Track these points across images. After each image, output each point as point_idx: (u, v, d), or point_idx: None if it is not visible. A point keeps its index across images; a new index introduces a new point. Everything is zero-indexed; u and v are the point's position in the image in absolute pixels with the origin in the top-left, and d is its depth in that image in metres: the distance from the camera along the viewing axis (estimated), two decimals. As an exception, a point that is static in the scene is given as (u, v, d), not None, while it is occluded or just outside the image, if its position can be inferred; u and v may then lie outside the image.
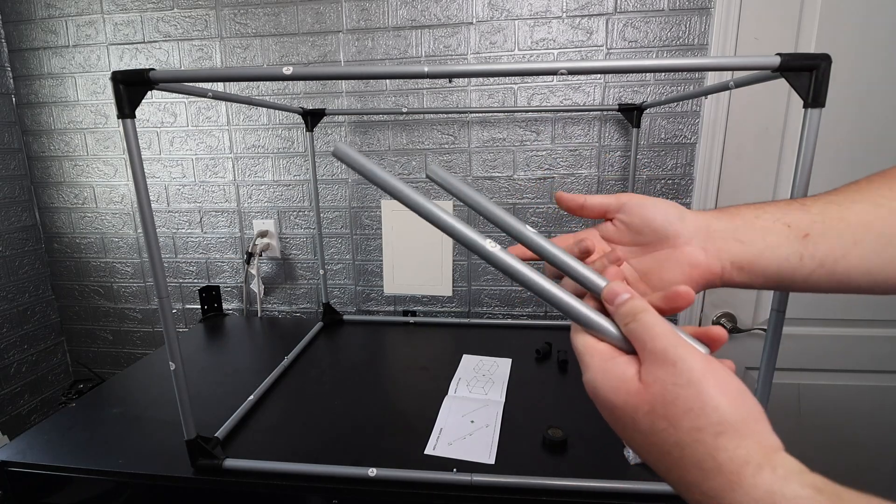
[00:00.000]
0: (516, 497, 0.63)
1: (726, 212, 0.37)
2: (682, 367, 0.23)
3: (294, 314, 1.39)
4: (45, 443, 0.76)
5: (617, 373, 0.26)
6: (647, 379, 0.24)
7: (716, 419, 0.22)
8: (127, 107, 0.56)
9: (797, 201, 0.37)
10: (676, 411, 0.23)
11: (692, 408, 0.22)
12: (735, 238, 0.35)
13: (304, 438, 0.76)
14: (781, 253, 0.34)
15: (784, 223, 0.35)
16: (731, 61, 0.54)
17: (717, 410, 0.22)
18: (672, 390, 0.23)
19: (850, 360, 1.18)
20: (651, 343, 0.25)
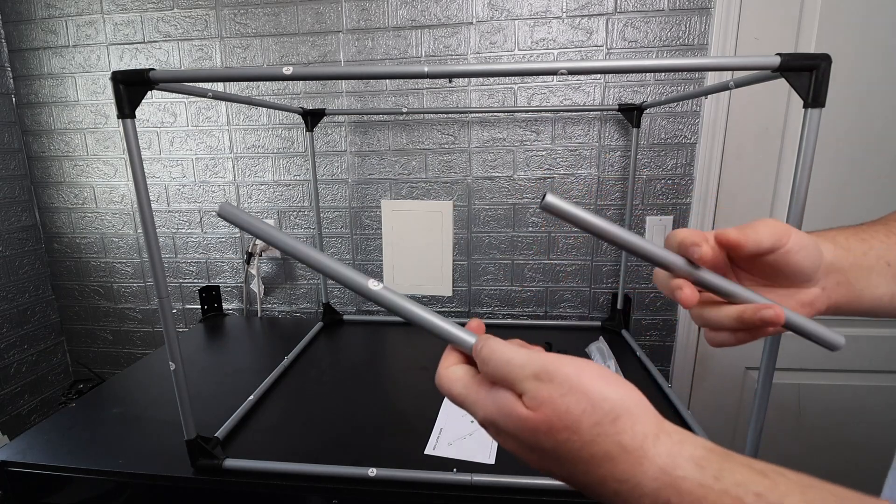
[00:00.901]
0: (516, 497, 0.63)
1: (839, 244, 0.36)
2: (558, 379, 0.24)
3: (294, 314, 1.39)
4: (45, 443, 0.76)
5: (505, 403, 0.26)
6: (531, 403, 0.25)
7: (608, 408, 0.24)
8: (127, 107, 0.56)
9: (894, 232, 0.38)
10: (573, 417, 0.24)
11: (585, 408, 0.24)
12: (846, 279, 0.36)
13: (304, 438, 0.76)
14: (878, 293, 0.36)
15: (886, 261, 0.36)
16: (731, 61, 0.54)
17: (607, 400, 0.24)
18: (561, 401, 0.24)
19: (850, 360, 1.18)
20: (519, 373, 0.26)
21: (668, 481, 0.22)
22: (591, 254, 1.23)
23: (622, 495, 0.23)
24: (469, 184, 1.23)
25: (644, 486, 0.23)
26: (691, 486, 0.22)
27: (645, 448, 0.23)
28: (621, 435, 0.23)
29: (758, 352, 0.59)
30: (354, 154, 1.25)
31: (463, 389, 0.28)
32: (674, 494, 0.22)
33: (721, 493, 0.21)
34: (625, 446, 0.23)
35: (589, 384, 0.24)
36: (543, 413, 0.24)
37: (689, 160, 1.15)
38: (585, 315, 1.27)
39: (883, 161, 1.08)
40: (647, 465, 0.23)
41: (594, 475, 0.24)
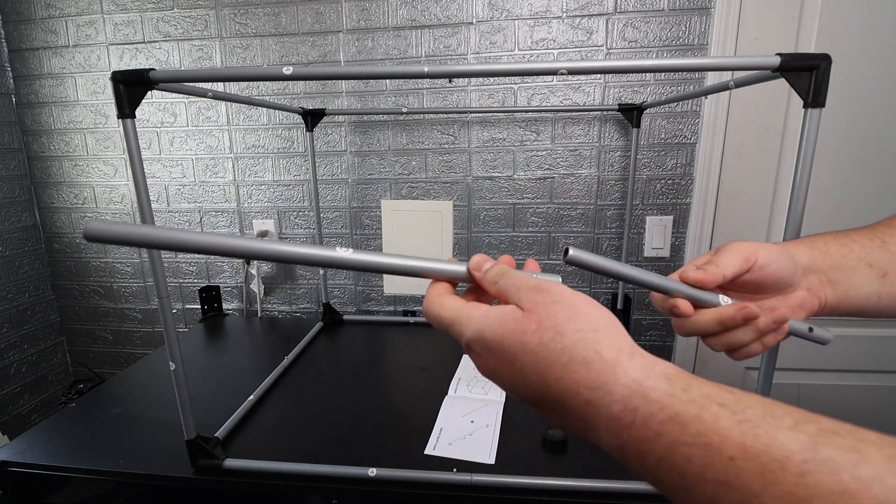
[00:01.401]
0: (516, 497, 0.63)
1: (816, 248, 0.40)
2: (553, 291, 0.28)
3: (294, 314, 1.39)
4: (45, 443, 0.76)
5: (499, 311, 0.29)
6: (527, 306, 0.28)
7: (590, 321, 0.26)
8: (127, 107, 0.56)
9: (878, 235, 0.41)
10: (559, 319, 0.26)
11: (570, 316, 0.26)
12: (828, 279, 0.39)
13: (304, 438, 0.76)
14: (863, 292, 0.39)
15: (867, 263, 0.39)
16: (731, 61, 0.54)
17: (590, 316, 0.26)
18: (552, 307, 0.27)
19: (850, 360, 1.18)
20: (524, 284, 0.29)
21: (639, 390, 0.23)
22: (591, 254, 1.23)
23: (593, 403, 0.24)
24: (469, 184, 1.23)
25: (615, 393, 0.24)
26: (659, 395, 0.23)
27: (619, 360, 0.25)
28: (600, 344, 0.25)
29: (758, 352, 0.59)
30: (354, 154, 1.25)
31: (454, 312, 0.30)
32: (642, 402, 0.23)
33: (687, 402, 0.22)
34: (601, 353, 0.25)
35: (576, 300, 0.27)
36: (535, 313, 0.27)
37: (689, 160, 1.15)
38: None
39: (883, 161, 1.08)
40: (619, 374, 0.24)
41: (568, 381, 0.25)
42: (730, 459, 0.20)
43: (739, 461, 0.20)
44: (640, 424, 0.23)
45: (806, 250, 0.40)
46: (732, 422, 0.21)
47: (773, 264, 0.37)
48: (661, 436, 0.22)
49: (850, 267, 0.39)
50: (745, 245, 0.38)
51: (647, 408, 0.23)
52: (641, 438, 0.23)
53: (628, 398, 0.24)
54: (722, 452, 0.21)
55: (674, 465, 0.22)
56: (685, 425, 0.22)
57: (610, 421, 0.24)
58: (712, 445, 0.21)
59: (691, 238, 1.17)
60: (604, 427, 0.24)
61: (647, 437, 0.23)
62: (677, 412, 0.22)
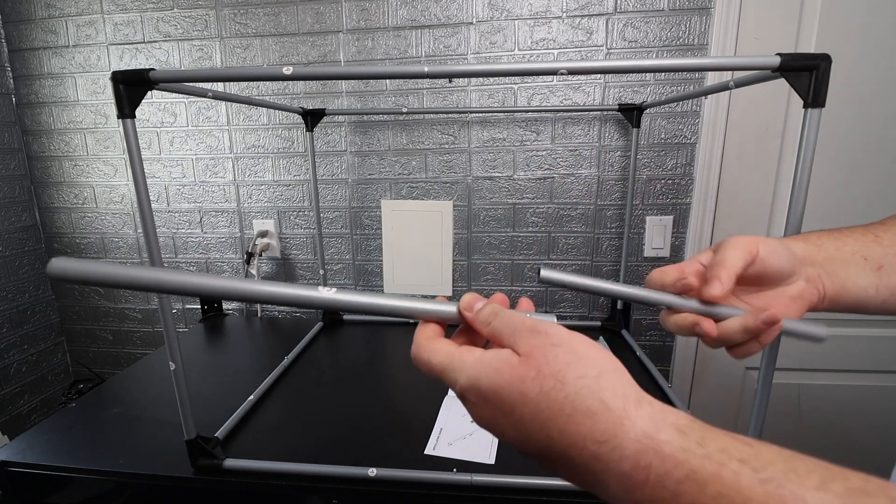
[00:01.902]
0: (516, 497, 0.63)
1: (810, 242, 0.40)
2: (551, 333, 0.26)
3: (294, 314, 1.39)
4: (45, 443, 0.76)
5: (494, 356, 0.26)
6: (524, 350, 0.26)
7: (592, 365, 0.24)
8: (127, 107, 0.56)
9: (871, 231, 0.41)
10: (559, 365, 0.24)
11: (570, 361, 0.24)
12: (825, 271, 0.39)
13: (304, 438, 0.76)
14: (860, 284, 0.39)
15: (862, 256, 0.39)
16: (731, 61, 0.54)
17: (592, 359, 0.25)
18: (550, 350, 0.25)
19: (850, 360, 1.18)
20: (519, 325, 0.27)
21: (651, 444, 0.22)
22: (591, 254, 1.23)
23: (601, 459, 0.23)
24: (469, 184, 1.23)
25: (625, 448, 0.22)
26: (673, 451, 0.21)
27: (627, 409, 0.23)
28: (604, 391, 0.23)
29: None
30: (354, 154, 1.25)
31: (445, 358, 0.28)
32: (655, 458, 0.21)
33: (704, 458, 0.21)
34: (607, 403, 0.23)
35: (576, 342, 0.25)
36: (533, 358, 0.25)
37: (689, 160, 1.15)
38: (586, 315, 1.27)
39: (883, 161, 1.08)
40: (628, 426, 0.22)
41: (573, 435, 0.23)
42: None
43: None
44: (655, 483, 0.21)
45: (800, 244, 0.40)
46: (754, 481, 0.19)
47: (772, 255, 0.38)
48: (679, 496, 0.21)
49: (845, 260, 0.39)
50: (745, 239, 0.38)
51: (661, 465, 0.21)
52: (657, 499, 0.21)
53: (640, 454, 0.22)
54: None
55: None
56: (703, 485, 0.20)
57: (621, 478, 0.22)
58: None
59: (691, 238, 1.17)
60: (614, 484, 0.23)
61: (664, 497, 0.21)
62: (694, 470, 0.21)
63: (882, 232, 0.41)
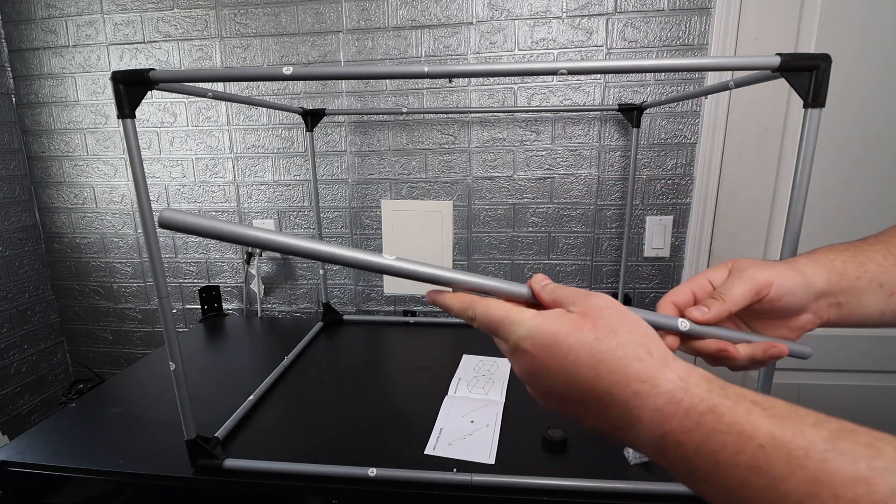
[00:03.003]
0: (516, 497, 0.63)
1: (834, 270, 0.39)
2: (606, 299, 0.31)
3: (294, 314, 1.39)
4: (45, 443, 0.76)
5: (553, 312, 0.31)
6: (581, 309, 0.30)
7: (638, 327, 0.29)
8: (127, 107, 0.56)
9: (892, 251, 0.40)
10: (613, 322, 0.29)
11: (622, 320, 0.29)
12: (837, 301, 0.39)
13: (304, 438, 0.76)
14: (868, 311, 0.39)
15: (878, 283, 0.39)
16: (731, 61, 0.54)
17: (638, 323, 0.30)
18: (605, 310, 0.30)
19: (850, 360, 1.18)
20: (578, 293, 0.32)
21: (683, 385, 0.26)
22: (591, 254, 1.23)
23: (641, 395, 0.27)
24: (469, 184, 1.23)
25: (662, 386, 0.26)
26: (700, 391, 0.26)
27: (667, 359, 0.28)
28: (650, 345, 0.28)
29: (758, 352, 0.59)
30: (354, 154, 1.25)
31: (505, 311, 0.32)
32: (686, 395, 0.26)
33: (724, 397, 0.25)
34: (652, 353, 0.28)
35: (627, 311, 0.30)
36: (590, 315, 0.30)
37: (689, 160, 1.15)
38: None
39: (883, 161, 1.08)
40: (667, 371, 0.27)
41: (621, 374, 0.27)
42: (760, 447, 0.23)
43: (768, 448, 0.22)
44: (683, 415, 0.25)
45: (823, 272, 0.38)
46: (763, 415, 0.24)
47: (785, 297, 0.37)
48: (701, 425, 0.25)
49: (863, 288, 0.38)
50: (760, 273, 0.37)
51: (689, 400, 0.26)
52: (683, 428, 0.25)
53: (673, 391, 0.26)
54: (753, 440, 0.23)
55: (709, 451, 0.24)
56: (721, 416, 0.24)
57: (655, 412, 0.26)
58: (745, 434, 0.23)
59: (691, 238, 1.17)
60: (648, 418, 0.26)
61: (688, 426, 0.25)
62: (716, 404, 0.25)
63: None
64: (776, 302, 0.37)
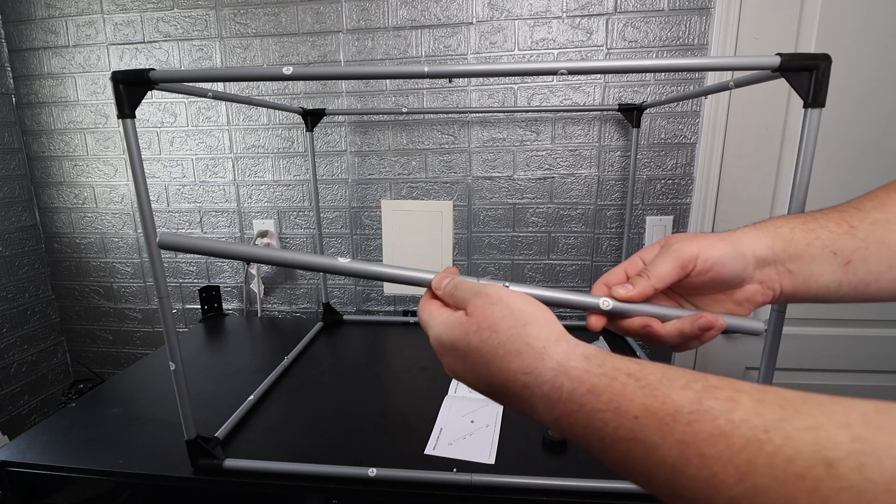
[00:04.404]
0: (516, 497, 0.63)
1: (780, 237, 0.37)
2: (490, 293, 0.33)
3: (294, 314, 1.39)
4: (45, 443, 0.76)
5: (451, 318, 0.34)
6: (470, 311, 0.33)
7: (521, 316, 0.31)
8: (127, 107, 0.56)
9: (846, 220, 0.38)
10: (494, 320, 0.31)
11: (504, 315, 0.31)
12: (786, 269, 0.37)
13: (304, 438, 0.76)
14: (823, 281, 0.37)
15: (832, 251, 0.37)
16: (731, 61, 0.54)
17: (523, 311, 0.31)
18: (489, 308, 0.32)
19: (850, 360, 1.18)
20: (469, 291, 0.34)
21: (562, 370, 0.28)
22: (591, 254, 1.23)
23: (528, 386, 0.29)
24: (469, 184, 1.23)
25: (543, 375, 0.28)
26: (579, 373, 0.27)
27: (547, 347, 0.29)
28: (529, 336, 0.30)
29: (758, 352, 0.59)
30: (354, 154, 1.25)
31: (426, 316, 0.37)
32: (566, 380, 0.27)
33: (601, 376, 0.27)
34: (531, 344, 0.29)
35: (511, 300, 0.32)
36: (475, 316, 0.32)
37: (689, 160, 1.15)
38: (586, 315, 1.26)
39: (883, 161, 1.08)
40: (546, 359, 0.29)
41: (507, 370, 0.30)
42: (635, 418, 0.24)
43: (642, 419, 0.24)
44: (566, 399, 0.27)
45: (766, 240, 0.37)
46: (636, 387, 0.25)
47: (714, 268, 0.36)
48: (583, 406, 0.26)
49: (813, 255, 0.37)
50: (686, 247, 0.37)
51: (570, 384, 0.27)
52: (568, 411, 0.27)
53: (554, 378, 0.28)
54: (629, 413, 0.24)
55: (595, 430, 0.26)
56: (600, 395, 0.26)
57: (543, 399, 0.28)
58: (621, 409, 0.25)
59: (691, 238, 1.17)
60: (540, 405, 0.29)
61: (573, 409, 0.27)
62: (594, 384, 0.26)
63: (858, 221, 0.37)
64: (706, 274, 0.36)
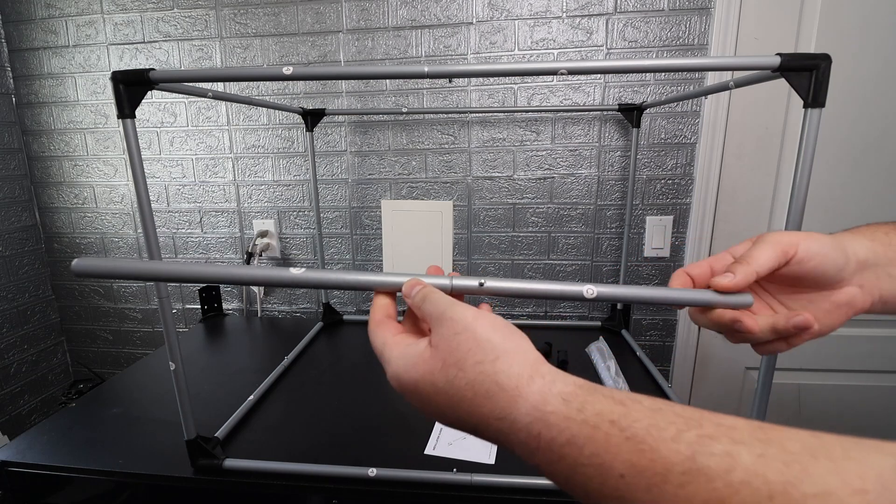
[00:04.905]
0: (516, 497, 0.63)
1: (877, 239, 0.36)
2: (456, 319, 0.28)
3: (294, 314, 1.39)
4: (45, 443, 0.76)
5: (411, 352, 0.29)
6: (434, 342, 0.28)
7: (490, 350, 0.27)
8: (127, 107, 0.56)
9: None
10: (460, 355, 0.27)
11: (471, 347, 0.27)
12: (887, 273, 0.36)
13: (304, 438, 0.76)
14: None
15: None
16: (731, 61, 0.54)
17: (490, 342, 0.27)
18: (454, 339, 0.27)
19: (850, 360, 1.18)
20: (436, 309, 0.29)
21: (539, 416, 0.25)
22: (591, 254, 1.23)
23: (503, 432, 0.26)
24: (469, 184, 1.23)
25: (518, 422, 0.25)
26: (557, 419, 0.24)
27: (520, 388, 0.25)
28: (499, 375, 0.26)
29: (758, 352, 0.59)
30: (354, 154, 1.25)
31: (381, 346, 0.32)
32: (543, 427, 0.24)
33: (582, 423, 0.24)
34: (502, 385, 0.26)
35: (479, 329, 0.27)
36: (439, 350, 0.28)
37: (689, 160, 1.15)
38: (585, 315, 1.27)
39: (883, 161, 1.08)
40: (521, 403, 0.25)
41: (478, 415, 0.26)
42: (620, 477, 0.22)
43: (628, 478, 0.21)
44: (545, 448, 0.24)
45: (866, 241, 0.36)
46: (621, 439, 0.22)
47: (815, 258, 0.34)
48: (563, 458, 0.24)
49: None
50: (785, 236, 0.35)
51: (548, 433, 0.24)
52: (548, 461, 0.24)
53: (530, 425, 0.25)
54: (613, 471, 0.22)
55: (577, 484, 0.23)
56: (581, 447, 0.23)
57: (520, 446, 0.25)
58: (605, 465, 0.22)
59: (691, 238, 1.17)
60: (518, 450, 0.26)
61: (552, 459, 0.24)
62: (574, 435, 0.23)
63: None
64: (807, 263, 0.34)
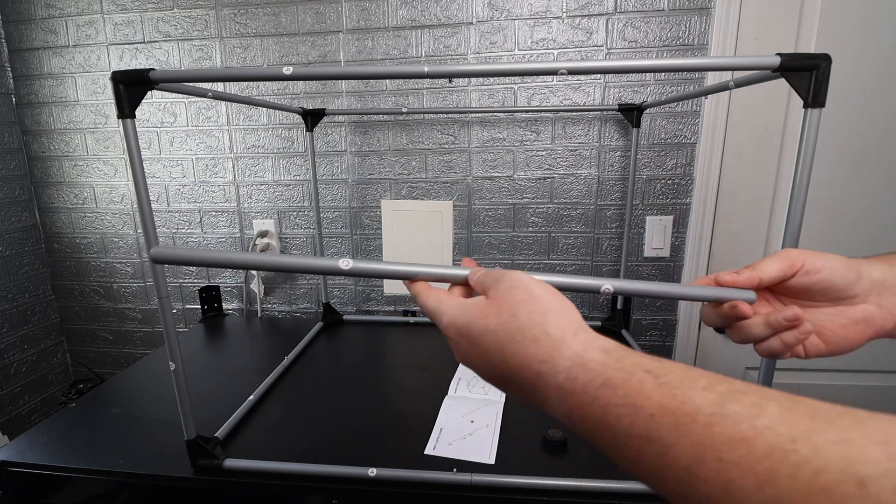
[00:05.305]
0: (516, 497, 0.63)
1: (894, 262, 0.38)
2: (513, 277, 0.32)
3: (294, 314, 1.39)
4: (45, 443, 0.76)
5: (469, 302, 0.33)
6: (491, 294, 0.32)
7: (542, 304, 0.30)
8: (127, 107, 0.56)
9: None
10: (515, 303, 0.30)
11: (525, 299, 0.30)
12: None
13: (304, 438, 0.76)
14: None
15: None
16: (731, 61, 0.54)
17: (543, 300, 0.30)
18: (510, 292, 0.31)
19: (850, 360, 1.17)
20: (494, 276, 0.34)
21: (579, 361, 0.27)
22: (591, 254, 1.23)
23: (542, 375, 0.28)
24: (469, 184, 1.23)
25: (559, 365, 0.28)
26: (596, 365, 0.26)
27: (565, 338, 0.28)
28: (548, 325, 0.29)
29: (758, 352, 0.59)
30: (354, 154, 1.25)
31: (436, 302, 0.36)
32: (582, 371, 0.27)
33: (619, 370, 0.26)
34: (549, 333, 0.29)
35: (533, 286, 0.31)
36: (495, 299, 0.32)
37: (689, 160, 1.15)
38: (586, 315, 1.27)
39: (883, 161, 1.08)
40: (564, 349, 0.28)
41: (521, 356, 0.29)
42: (650, 416, 0.23)
43: (658, 417, 0.23)
44: (581, 391, 0.26)
45: (883, 265, 0.38)
46: (654, 385, 0.24)
47: (823, 270, 0.36)
48: (598, 399, 0.25)
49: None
50: (796, 251, 0.38)
51: (585, 376, 0.26)
52: (582, 403, 0.26)
53: (570, 369, 0.27)
54: (644, 410, 0.23)
55: (607, 425, 0.25)
56: (616, 389, 0.25)
57: (557, 389, 0.27)
58: (637, 405, 0.24)
59: (691, 238, 1.17)
60: (553, 396, 0.28)
61: (586, 401, 0.26)
62: (610, 378, 0.25)
63: None
64: (814, 275, 0.37)
